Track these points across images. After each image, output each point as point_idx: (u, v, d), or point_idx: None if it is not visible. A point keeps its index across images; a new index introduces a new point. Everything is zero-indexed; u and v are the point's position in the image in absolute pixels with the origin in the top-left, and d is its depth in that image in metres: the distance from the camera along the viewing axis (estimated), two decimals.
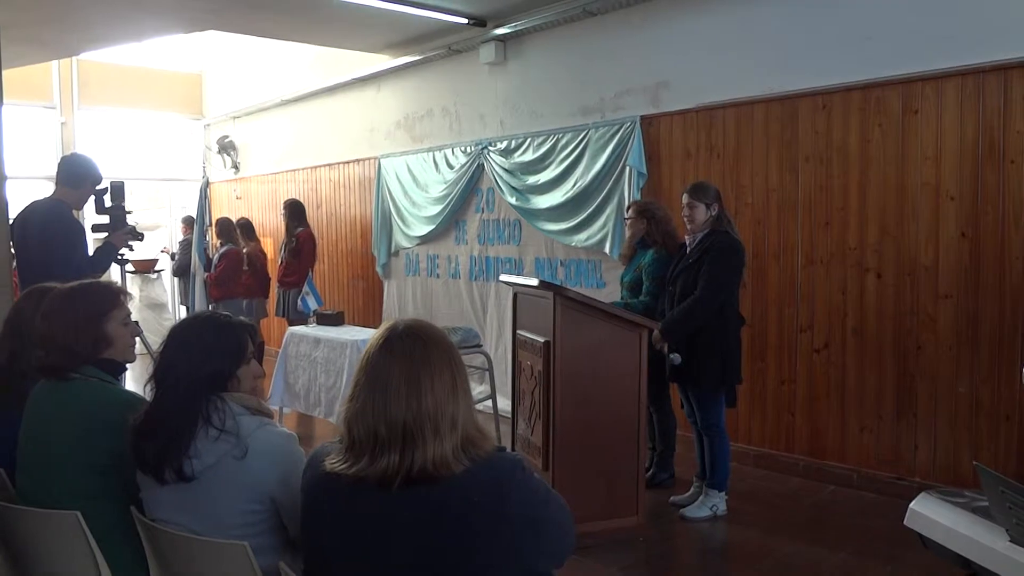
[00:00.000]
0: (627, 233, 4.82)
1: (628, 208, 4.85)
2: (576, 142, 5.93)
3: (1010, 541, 1.99)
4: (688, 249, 4.21)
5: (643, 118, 5.53)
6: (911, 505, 2.33)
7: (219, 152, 10.40)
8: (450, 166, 7.10)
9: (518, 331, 4.32)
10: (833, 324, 4.71)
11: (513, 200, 6.41)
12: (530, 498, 1.54)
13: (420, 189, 7.42)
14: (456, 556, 1.50)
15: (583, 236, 5.89)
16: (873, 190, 4.52)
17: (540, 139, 6.22)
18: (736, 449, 4.80)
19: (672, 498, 4.45)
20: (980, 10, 4.09)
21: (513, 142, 6.45)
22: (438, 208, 7.18)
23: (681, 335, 4.08)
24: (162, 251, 10.34)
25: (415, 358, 1.56)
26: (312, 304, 6.51)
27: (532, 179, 6.27)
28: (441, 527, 1.50)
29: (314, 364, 5.75)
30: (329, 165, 8.77)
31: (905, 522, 2.33)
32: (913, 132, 4.36)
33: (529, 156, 6.30)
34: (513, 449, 4.40)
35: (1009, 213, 4.05)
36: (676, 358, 4.11)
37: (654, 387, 4.59)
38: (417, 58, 7.30)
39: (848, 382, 4.66)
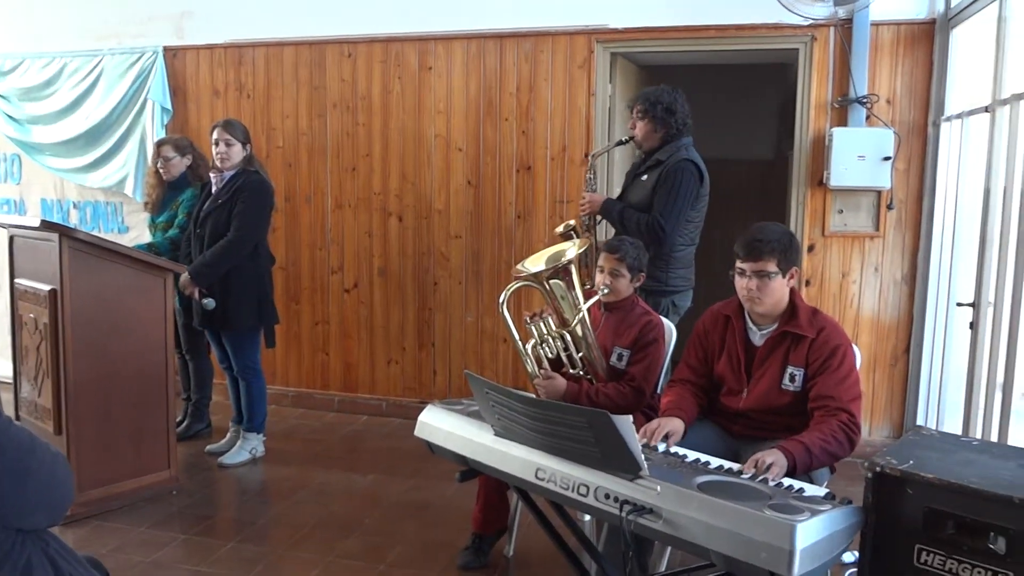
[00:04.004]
0: (163, 174, 4.44)
1: (159, 146, 4.47)
2: (89, 70, 5.28)
3: (495, 435, 2.34)
4: (215, 189, 4.05)
5: (167, 49, 5.15)
6: (419, 417, 2.60)
7: None
8: None
9: (17, 280, 3.77)
10: (361, 265, 4.99)
11: (11, 131, 5.50)
12: (5, 449, 1.38)
13: None
14: None
15: (99, 176, 5.32)
16: (394, 139, 4.85)
17: (44, 62, 5.41)
18: (274, 392, 4.86)
19: (208, 447, 4.35)
20: None
21: (8, 62, 5.50)
22: None
23: (213, 278, 3.95)
24: None
25: None
26: None
27: (34, 108, 5.44)
28: None
29: None
30: None
31: (415, 433, 2.59)
32: (428, 87, 4.77)
33: (31, 81, 5.44)
34: (17, 416, 3.87)
35: (504, 165, 4.69)
36: (210, 303, 3.95)
37: (188, 334, 4.41)
38: None
39: (376, 319, 5.00)
